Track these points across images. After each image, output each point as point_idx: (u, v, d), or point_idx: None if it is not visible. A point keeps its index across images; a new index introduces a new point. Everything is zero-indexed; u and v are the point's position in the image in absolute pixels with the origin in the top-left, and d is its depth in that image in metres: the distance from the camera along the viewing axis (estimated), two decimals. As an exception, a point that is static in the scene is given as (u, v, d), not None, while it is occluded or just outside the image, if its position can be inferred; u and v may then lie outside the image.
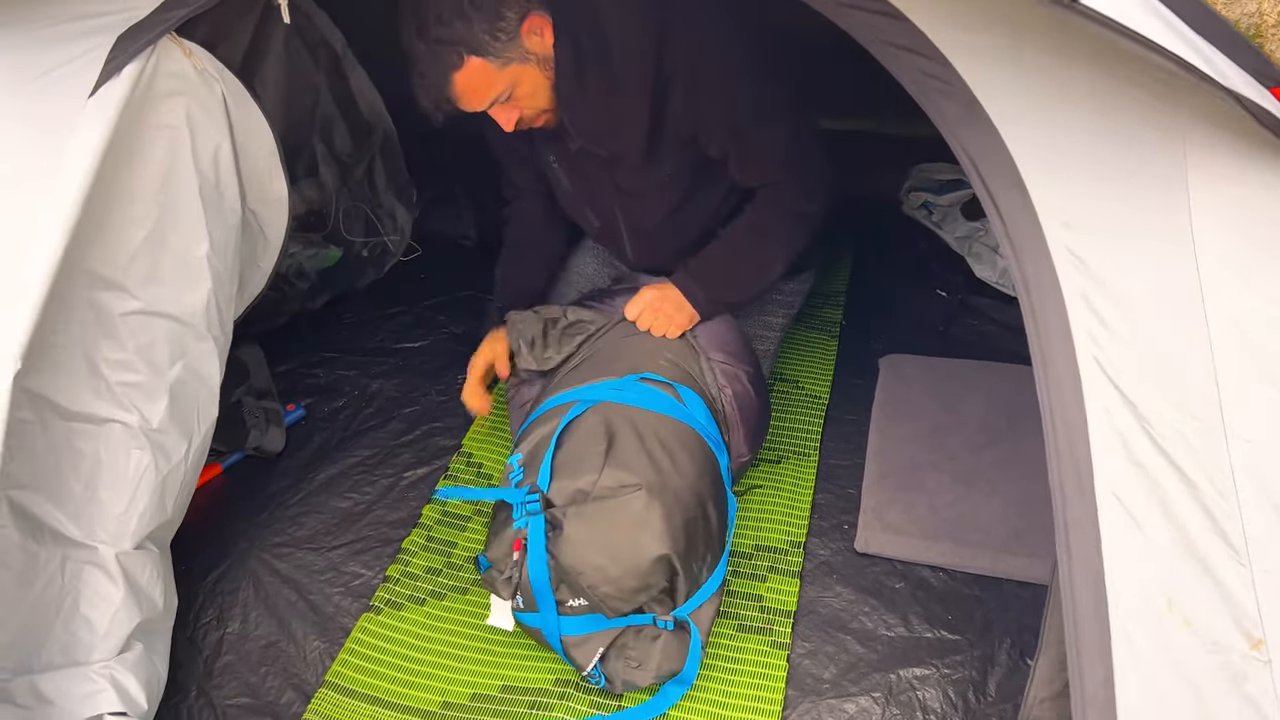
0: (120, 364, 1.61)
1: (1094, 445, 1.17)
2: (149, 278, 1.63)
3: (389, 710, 1.72)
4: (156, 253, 1.64)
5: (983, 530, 1.92)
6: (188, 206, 1.67)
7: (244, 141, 1.79)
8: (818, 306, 2.60)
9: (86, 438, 1.59)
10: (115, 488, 1.61)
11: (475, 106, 1.80)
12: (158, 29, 1.49)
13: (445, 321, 2.64)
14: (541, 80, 1.79)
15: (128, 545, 1.61)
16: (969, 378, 2.28)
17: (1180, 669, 1.14)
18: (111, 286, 1.59)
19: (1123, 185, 1.21)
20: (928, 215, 2.87)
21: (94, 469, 1.59)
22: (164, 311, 1.66)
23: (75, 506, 1.58)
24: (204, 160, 1.68)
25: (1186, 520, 1.15)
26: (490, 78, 1.74)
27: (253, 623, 1.87)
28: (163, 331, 1.66)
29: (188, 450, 1.71)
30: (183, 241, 1.67)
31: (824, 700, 1.70)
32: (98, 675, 1.52)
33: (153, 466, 1.64)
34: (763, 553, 1.96)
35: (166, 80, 1.58)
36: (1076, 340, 1.19)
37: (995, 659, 1.73)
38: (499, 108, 1.81)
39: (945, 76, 1.23)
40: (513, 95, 1.79)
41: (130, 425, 1.61)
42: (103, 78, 1.46)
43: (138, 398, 1.62)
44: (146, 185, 1.60)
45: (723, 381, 1.97)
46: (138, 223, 1.60)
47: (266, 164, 1.88)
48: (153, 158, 1.61)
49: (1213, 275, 1.18)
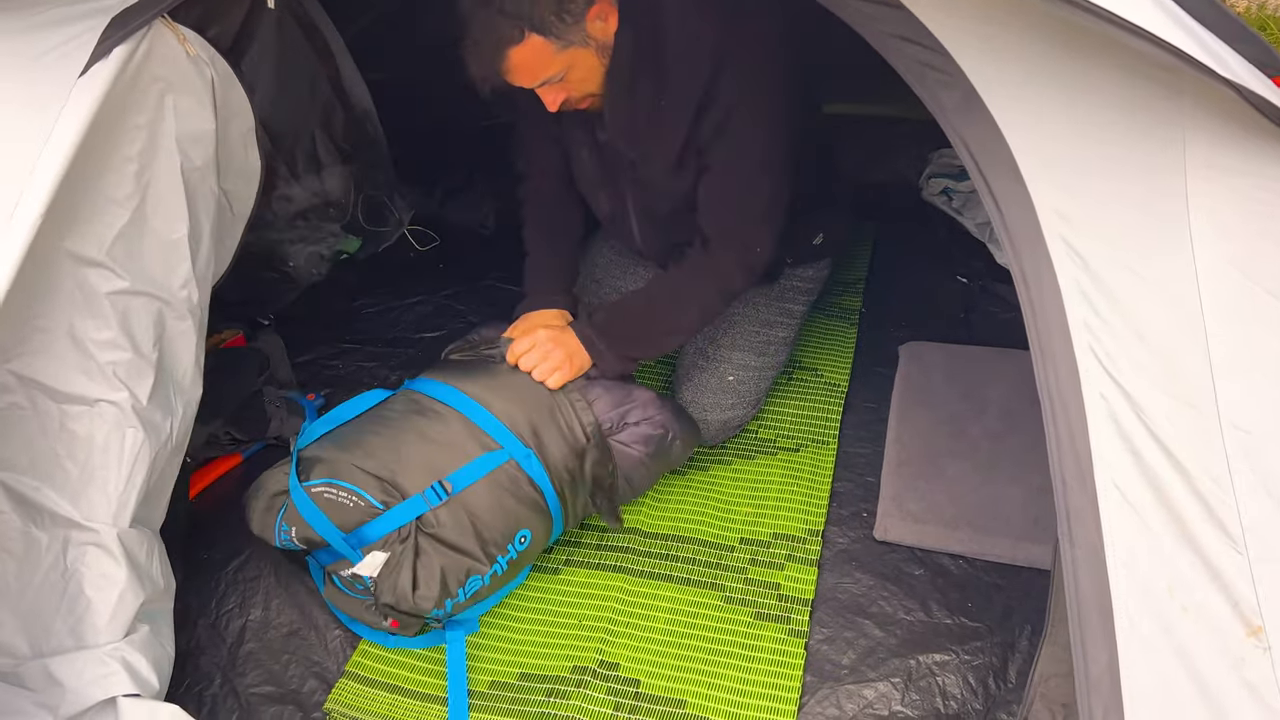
0: (107, 343, 1.60)
1: (1093, 435, 1.17)
2: (132, 257, 1.62)
3: (409, 699, 1.73)
4: (139, 232, 1.63)
5: (1003, 518, 1.91)
6: (170, 188, 1.66)
7: (224, 121, 1.77)
8: (837, 294, 2.59)
9: (79, 419, 1.59)
10: (110, 467, 1.60)
11: (525, 83, 1.76)
12: (151, 11, 1.49)
13: (464, 311, 2.65)
14: (596, 65, 1.75)
15: (126, 524, 1.61)
16: (989, 365, 2.27)
17: (1182, 656, 1.14)
18: (95, 265, 1.58)
19: (1120, 176, 1.20)
20: (948, 201, 2.85)
21: (88, 450, 1.58)
22: (146, 290, 1.65)
23: (73, 489, 1.58)
24: (187, 143, 1.67)
25: (1183, 508, 1.16)
26: (548, 58, 1.70)
27: (275, 610, 1.89)
28: (146, 310, 1.65)
29: (171, 428, 1.70)
30: (165, 222, 1.66)
31: (842, 686, 1.69)
32: (109, 657, 1.53)
33: (146, 444, 1.63)
34: (781, 541, 1.96)
35: (156, 63, 1.58)
36: (1073, 331, 1.19)
37: (1015, 645, 1.72)
38: (548, 87, 1.77)
39: (944, 67, 1.22)
40: (565, 78, 1.75)
41: (121, 404, 1.60)
42: (93, 59, 1.46)
43: (126, 376, 1.61)
44: (129, 166, 1.60)
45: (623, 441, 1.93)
46: (120, 203, 1.59)
47: (241, 140, 1.86)
48: (137, 139, 1.60)
49: (1209, 265, 1.18)
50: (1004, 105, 1.22)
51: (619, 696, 1.71)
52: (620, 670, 1.75)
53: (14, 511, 1.53)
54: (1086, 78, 1.19)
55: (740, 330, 2.16)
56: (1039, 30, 1.18)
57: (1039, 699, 1.34)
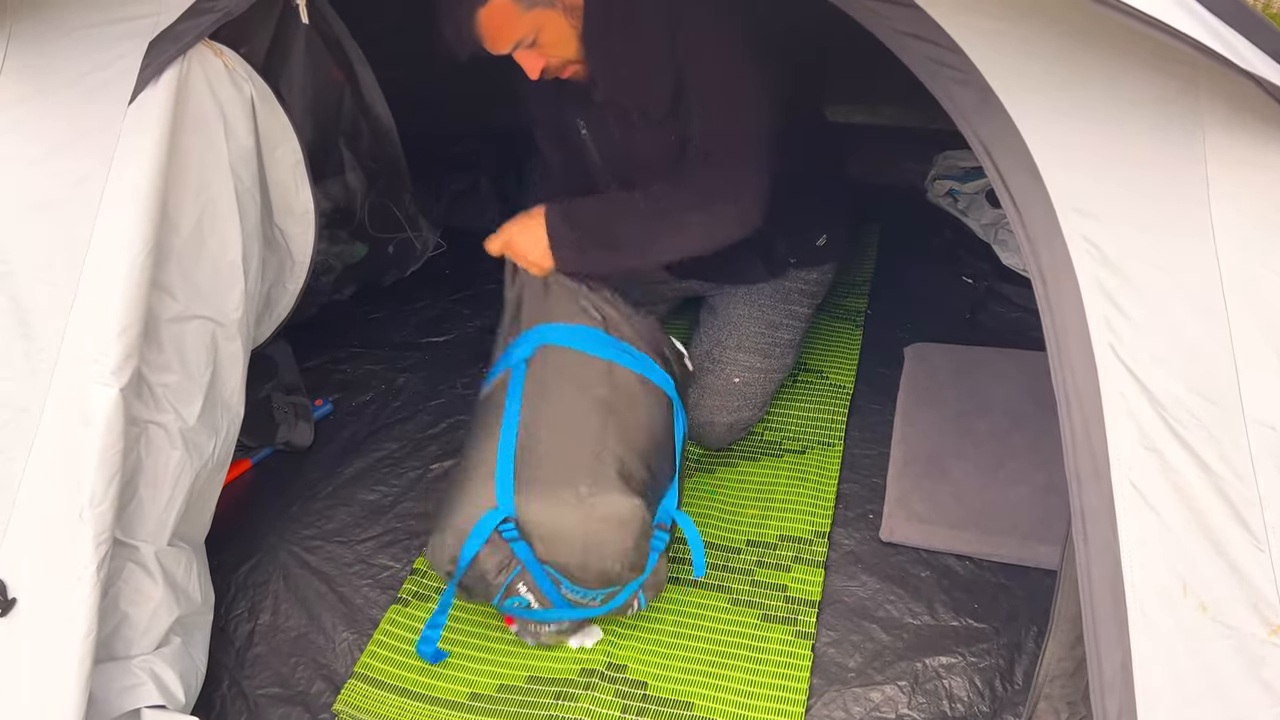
0: (160, 366, 1.63)
1: (1110, 432, 1.16)
2: (187, 280, 1.65)
3: (417, 701, 1.74)
4: (195, 255, 1.65)
5: (1009, 518, 1.91)
6: (224, 209, 1.68)
7: (269, 148, 1.80)
8: (842, 295, 2.59)
9: (129, 441, 1.59)
10: (154, 487, 1.62)
11: (499, 48, 1.78)
12: (191, 34, 1.49)
13: (470, 315, 2.66)
14: (567, 29, 1.77)
15: (165, 543, 1.64)
16: (995, 365, 2.27)
17: (1198, 655, 1.13)
18: (154, 289, 1.59)
19: (1139, 170, 1.19)
20: (953, 203, 2.85)
21: (135, 470, 1.60)
22: (200, 314, 1.67)
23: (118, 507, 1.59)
24: (237, 163, 1.69)
25: (1204, 506, 1.14)
26: (513, 19, 1.73)
27: (283, 614, 1.90)
28: (199, 333, 1.68)
29: (215, 447, 1.72)
30: (220, 244, 1.69)
31: (849, 689, 1.70)
32: (138, 669, 1.55)
33: (189, 465, 1.66)
34: (787, 543, 1.96)
35: (204, 85, 1.59)
36: (1092, 327, 1.17)
37: (1022, 647, 1.72)
38: (523, 53, 1.79)
39: (958, 64, 1.21)
40: (537, 41, 1.77)
41: (168, 427, 1.63)
42: (140, 84, 1.47)
43: (175, 399, 1.64)
44: (186, 188, 1.62)
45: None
46: (178, 226, 1.61)
47: (291, 174, 1.89)
48: (191, 161, 1.61)
49: (1232, 260, 1.16)
50: (1020, 102, 1.21)
51: (626, 699, 1.71)
52: (628, 672, 1.75)
53: None
54: (1103, 72, 1.17)
55: (746, 332, 2.16)
56: (1054, 26, 1.17)
57: (1043, 699, 1.33)
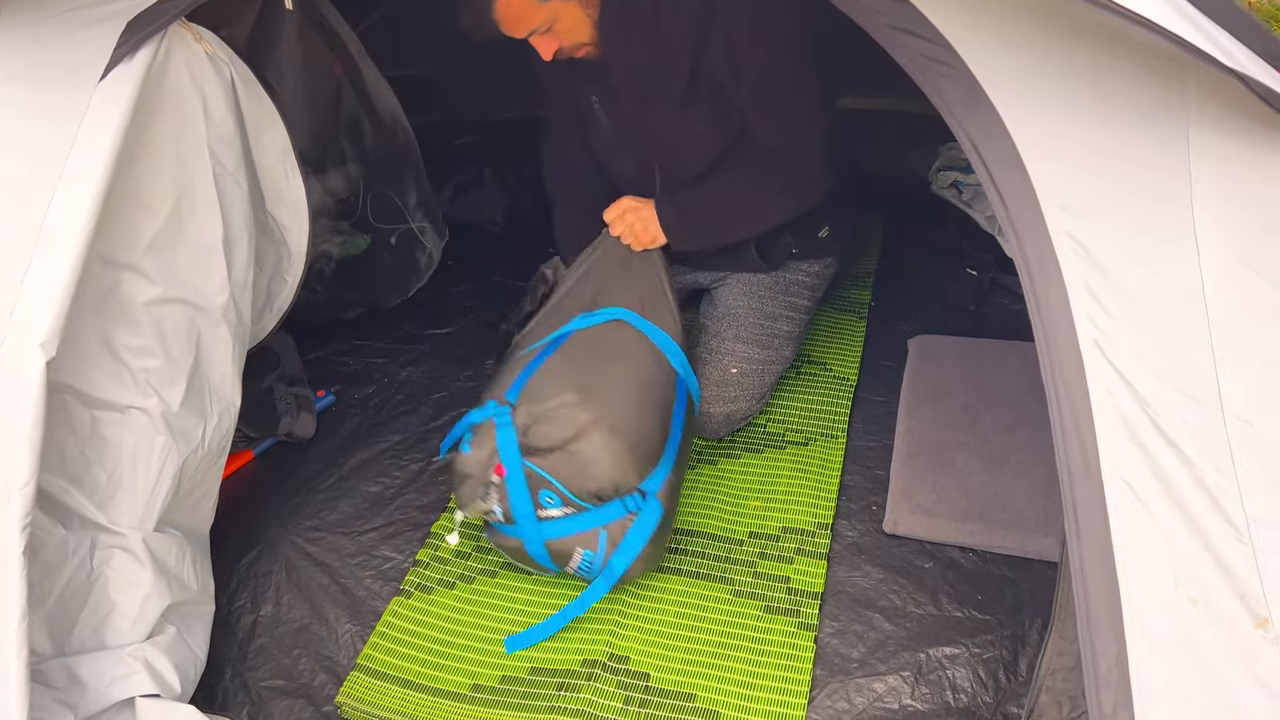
0: (140, 350, 1.62)
1: (1098, 428, 1.17)
2: (165, 263, 1.64)
3: (419, 693, 1.74)
4: (172, 238, 1.64)
5: (1013, 510, 1.90)
6: (202, 192, 1.67)
7: (255, 133, 1.79)
8: (846, 287, 2.59)
9: (110, 425, 1.61)
10: (139, 473, 1.62)
11: (514, 33, 1.84)
12: (168, 14, 1.49)
13: (474, 308, 2.66)
14: (582, 18, 1.83)
15: (152, 529, 1.63)
16: (999, 357, 2.26)
17: (1191, 649, 1.14)
18: (129, 272, 1.60)
19: (1124, 167, 1.20)
20: (957, 194, 2.83)
21: (117, 455, 1.61)
22: (179, 297, 1.66)
23: (101, 493, 1.60)
24: (217, 145, 1.69)
25: (1188, 500, 1.15)
26: (530, 9, 1.79)
27: (286, 606, 1.90)
28: (179, 317, 1.67)
29: (205, 434, 1.72)
30: (198, 228, 1.68)
31: (852, 679, 1.69)
32: (131, 658, 1.55)
33: (174, 451, 1.66)
34: (790, 534, 1.95)
35: (180, 65, 1.59)
36: (1078, 323, 1.18)
37: (1026, 639, 1.72)
38: (538, 37, 1.85)
39: (946, 59, 1.22)
40: (553, 29, 1.83)
41: (151, 411, 1.63)
42: (112, 63, 1.46)
43: (157, 383, 1.64)
44: (162, 170, 1.61)
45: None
46: (153, 208, 1.61)
47: (280, 160, 1.88)
48: (167, 142, 1.61)
49: (1213, 257, 1.17)
50: (1007, 97, 1.21)
51: (629, 690, 1.71)
52: (630, 664, 1.75)
53: (44, 512, 1.55)
54: (1090, 69, 1.18)
55: (744, 323, 2.16)
56: (1041, 21, 1.18)
57: (1045, 692, 1.33)
